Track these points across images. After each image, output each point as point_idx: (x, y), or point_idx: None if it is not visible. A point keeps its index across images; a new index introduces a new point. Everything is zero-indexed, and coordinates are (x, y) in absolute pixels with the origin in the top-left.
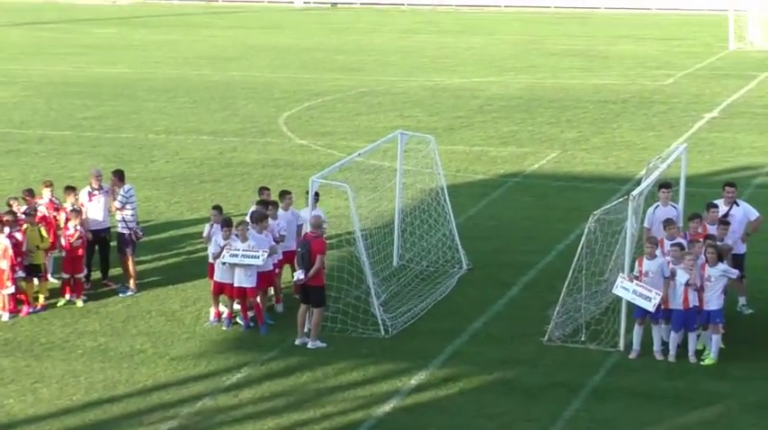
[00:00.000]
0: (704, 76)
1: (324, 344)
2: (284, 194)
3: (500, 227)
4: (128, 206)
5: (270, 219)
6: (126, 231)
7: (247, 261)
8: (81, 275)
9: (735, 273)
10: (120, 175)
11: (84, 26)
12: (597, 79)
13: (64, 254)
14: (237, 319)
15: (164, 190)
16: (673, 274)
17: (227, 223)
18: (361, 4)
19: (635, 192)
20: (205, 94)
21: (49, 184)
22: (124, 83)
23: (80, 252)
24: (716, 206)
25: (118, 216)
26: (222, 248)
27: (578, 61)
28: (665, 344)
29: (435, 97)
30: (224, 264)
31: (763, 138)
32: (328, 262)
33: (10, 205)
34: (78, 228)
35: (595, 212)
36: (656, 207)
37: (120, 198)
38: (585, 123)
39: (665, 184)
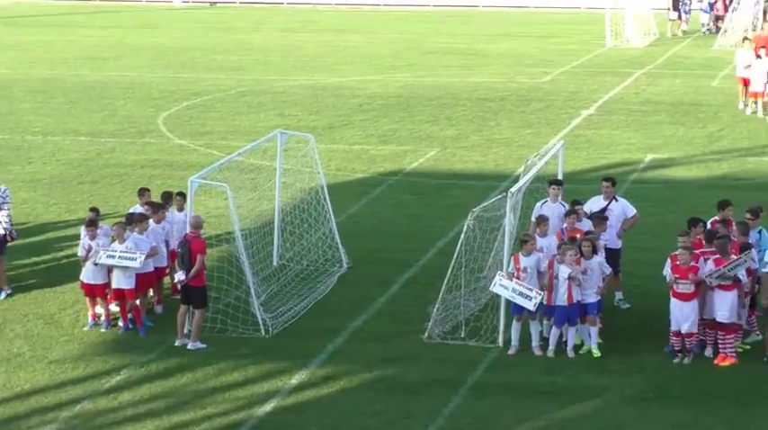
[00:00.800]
0: (581, 74)
1: (204, 345)
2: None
3: (380, 225)
4: (3, 207)
5: (165, 221)
6: (0, 232)
7: (125, 263)
8: None
9: (608, 268)
10: None
11: None
12: (476, 77)
13: None
14: (118, 322)
15: (41, 191)
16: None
17: (91, 223)
18: (240, 2)
19: (513, 189)
20: (82, 94)
21: None
22: None
23: None
24: (580, 203)
25: None
26: (87, 250)
27: (457, 59)
28: (543, 340)
29: (315, 96)
30: (96, 264)
31: (638, 135)
32: (208, 262)
33: None
34: None
35: (474, 209)
36: (545, 202)
37: None
38: (464, 121)
39: (557, 181)
